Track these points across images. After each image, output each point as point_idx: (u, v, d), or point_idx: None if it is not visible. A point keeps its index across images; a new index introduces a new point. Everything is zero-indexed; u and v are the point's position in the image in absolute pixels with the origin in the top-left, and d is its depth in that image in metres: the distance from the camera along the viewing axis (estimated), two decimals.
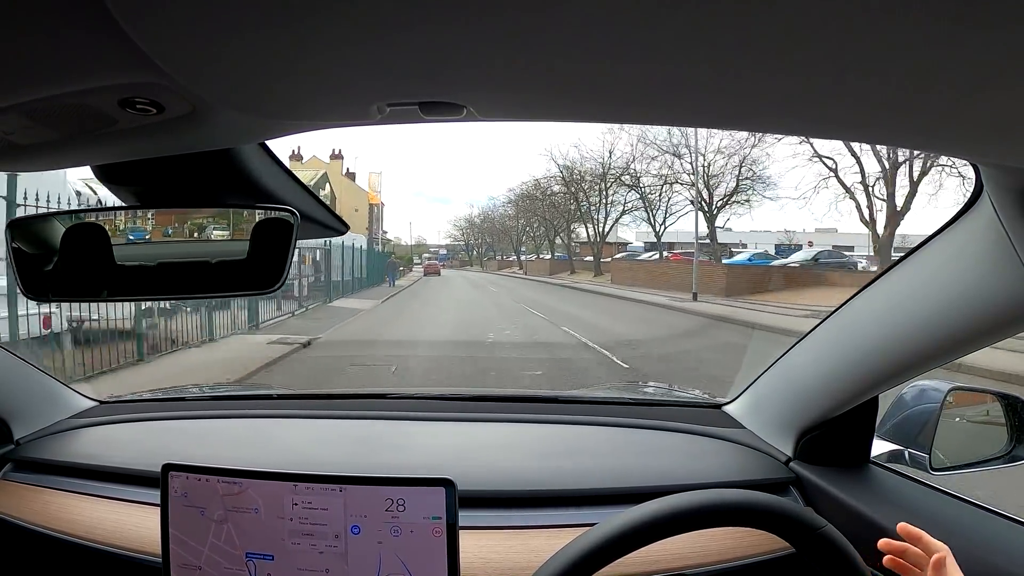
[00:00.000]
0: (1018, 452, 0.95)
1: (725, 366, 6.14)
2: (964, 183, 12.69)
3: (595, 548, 0.61)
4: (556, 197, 27.39)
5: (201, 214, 0.68)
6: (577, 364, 6.44)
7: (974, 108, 0.39)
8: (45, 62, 0.40)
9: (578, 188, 25.45)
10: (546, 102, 0.47)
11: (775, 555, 0.85)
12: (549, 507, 0.95)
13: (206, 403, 1.35)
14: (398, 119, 0.48)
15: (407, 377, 5.77)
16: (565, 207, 27.25)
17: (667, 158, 22.12)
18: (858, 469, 0.97)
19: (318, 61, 0.39)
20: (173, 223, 0.69)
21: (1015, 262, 0.58)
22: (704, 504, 0.63)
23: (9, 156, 0.58)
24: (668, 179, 22.12)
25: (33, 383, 1.19)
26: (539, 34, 0.34)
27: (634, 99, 0.44)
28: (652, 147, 22.43)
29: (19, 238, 0.66)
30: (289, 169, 0.71)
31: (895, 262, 0.78)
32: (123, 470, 1.03)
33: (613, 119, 0.53)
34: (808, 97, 0.41)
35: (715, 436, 1.12)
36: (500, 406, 1.28)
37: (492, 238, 43.17)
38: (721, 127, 0.55)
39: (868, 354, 0.83)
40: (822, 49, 0.33)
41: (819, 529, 0.63)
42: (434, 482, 0.73)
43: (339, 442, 1.13)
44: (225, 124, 0.51)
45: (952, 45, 0.32)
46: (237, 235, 0.67)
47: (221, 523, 0.76)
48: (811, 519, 0.63)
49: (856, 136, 0.53)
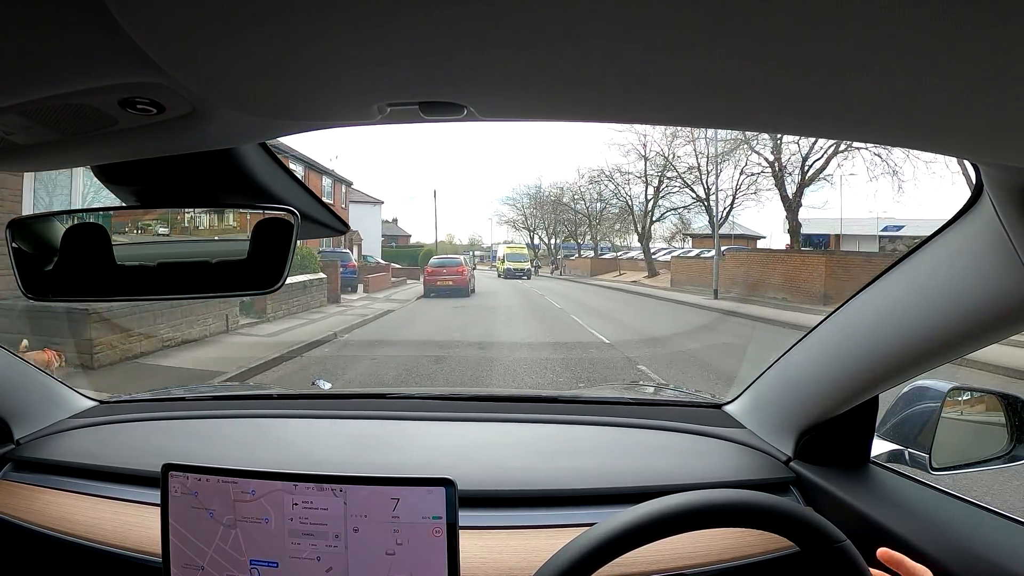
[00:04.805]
0: (1018, 452, 0.95)
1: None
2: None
3: (623, 533, 0.61)
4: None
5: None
6: None
7: (974, 108, 0.39)
8: (45, 62, 0.40)
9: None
10: (546, 102, 0.47)
11: (775, 555, 0.85)
12: (549, 507, 0.95)
13: (206, 403, 1.35)
14: (398, 119, 0.48)
15: None
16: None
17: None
18: (858, 469, 0.97)
19: (318, 61, 0.39)
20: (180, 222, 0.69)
21: (1015, 262, 0.58)
22: (724, 503, 0.64)
23: (9, 156, 0.58)
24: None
25: (33, 383, 1.19)
26: (539, 34, 0.34)
27: (634, 99, 0.44)
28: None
29: (19, 238, 0.66)
30: (289, 169, 0.71)
31: (895, 261, 0.78)
32: (123, 470, 1.03)
33: (613, 119, 0.53)
34: (808, 97, 0.41)
35: (715, 436, 1.12)
36: (500, 406, 1.28)
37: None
38: (721, 127, 0.55)
39: (868, 354, 0.83)
40: (822, 49, 0.33)
41: (838, 543, 0.63)
42: (434, 482, 0.73)
43: (339, 442, 1.13)
44: (225, 124, 0.51)
45: (952, 45, 0.32)
46: (237, 235, 0.67)
47: (230, 528, 0.76)
48: (832, 532, 0.63)
49: (856, 136, 0.53)
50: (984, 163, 0.57)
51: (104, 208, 0.70)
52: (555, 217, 31.19)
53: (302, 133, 0.57)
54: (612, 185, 23.83)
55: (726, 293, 14.57)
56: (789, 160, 16.83)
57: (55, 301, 0.68)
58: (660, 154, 20.89)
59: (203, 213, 0.69)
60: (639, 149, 22.53)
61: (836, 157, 16.02)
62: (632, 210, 23.38)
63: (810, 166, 16.51)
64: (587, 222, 28.79)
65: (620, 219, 26.35)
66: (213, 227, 0.69)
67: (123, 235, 0.69)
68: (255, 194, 0.67)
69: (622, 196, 23.88)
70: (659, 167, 21.23)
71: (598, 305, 13.66)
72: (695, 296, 14.58)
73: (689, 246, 25.03)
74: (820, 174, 16.58)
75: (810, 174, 16.53)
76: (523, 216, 33.76)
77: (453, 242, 43.44)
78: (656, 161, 21.24)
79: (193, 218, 0.69)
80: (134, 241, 0.70)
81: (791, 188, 16.80)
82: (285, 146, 12.62)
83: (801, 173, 16.67)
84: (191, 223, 0.69)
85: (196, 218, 0.69)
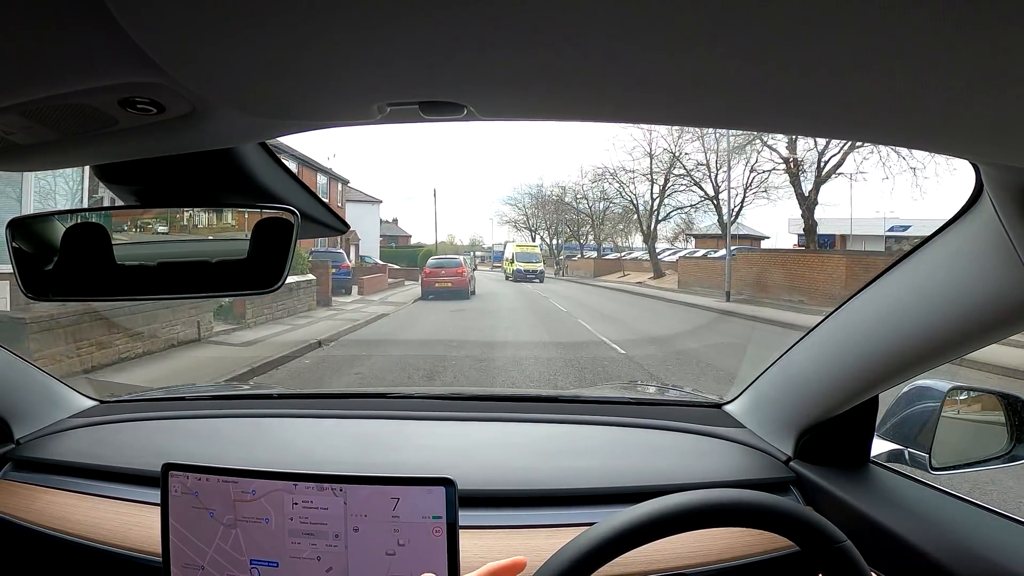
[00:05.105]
0: (1018, 451, 0.95)
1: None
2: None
3: (623, 532, 0.61)
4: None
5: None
6: None
7: (974, 108, 0.39)
8: (46, 62, 0.40)
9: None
10: (546, 101, 0.47)
11: (774, 555, 0.85)
12: (549, 506, 0.95)
13: (206, 402, 1.35)
14: (398, 119, 0.49)
15: None
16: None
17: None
18: (858, 468, 0.97)
19: (318, 61, 0.39)
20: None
21: (1015, 262, 0.58)
22: (725, 502, 0.64)
23: (9, 156, 0.58)
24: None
25: (33, 383, 1.19)
26: (539, 33, 0.34)
27: (634, 99, 0.44)
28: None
29: (19, 237, 0.66)
30: (289, 169, 0.71)
31: (895, 261, 0.78)
32: (123, 470, 1.03)
33: (613, 119, 0.53)
34: (808, 97, 0.41)
35: (715, 435, 1.12)
36: (500, 406, 1.28)
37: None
38: (721, 127, 0.55)
39: (868, 353, 0.83)
40: (822, 49, 0.33)
41: (839, 543, 0.63)
42: (434, 481, 0.73)
43: (339, 441, 1.13)
44: (225, 124, 0.51)
45: (952, 45, 0.32)
46: (237, 234, 0.67)
47: (230, 528, 0.76)
48: (832, 532, 0.64)
49: (856, 136, 0.53)
50: (984, 163, 0.57)
51: (104, 208, 0.70)
52: (557, 217, 30.79)
53: (302, 133, 0.57)
54: (616, 183, 23.35)
55: (737, 295, 14.02)
56: (805, 156, 16.20)
57: (55, 300, 0.69)
58: (667, 151, 20.39)
59: (203, 212, 0.69)
60: (644, 146, 21.73)
61: (852, 153, 15.53)
62: (637, 209, 22.87)
63: (826, 162, 15.93)
64: (590, 222, 28.37)
65: (624, 219, 25.96)
66: (213, 227, 0.70)
67: (123, 235, 0.69)
68: (255, 194, 0.67)
69: (627, 194, 23.36)
70: (665, 164, 20.70)
71: (604, 308, 13.02)
72: (705, 298, 14.02)
73: (692, 246, 24.51)
74: (836, 170, 16.01)
75: (826, 170, 15.96)
76: (525, 216, 33.51)
77: (454, 243, 42.95)
78: (662, 158, 20.79)
79: (193, 217, 0.69)
80: (134, 241, 0.70)
81: (807, 185, 16.25)
82: (279, 143, 12.37)
83: (817, 169, 16.10)
84: (191, 222, 0.70)
85: (196, 217, 0.69)
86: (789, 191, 17.01)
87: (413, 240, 38.96)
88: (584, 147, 68.57)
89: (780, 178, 17.66)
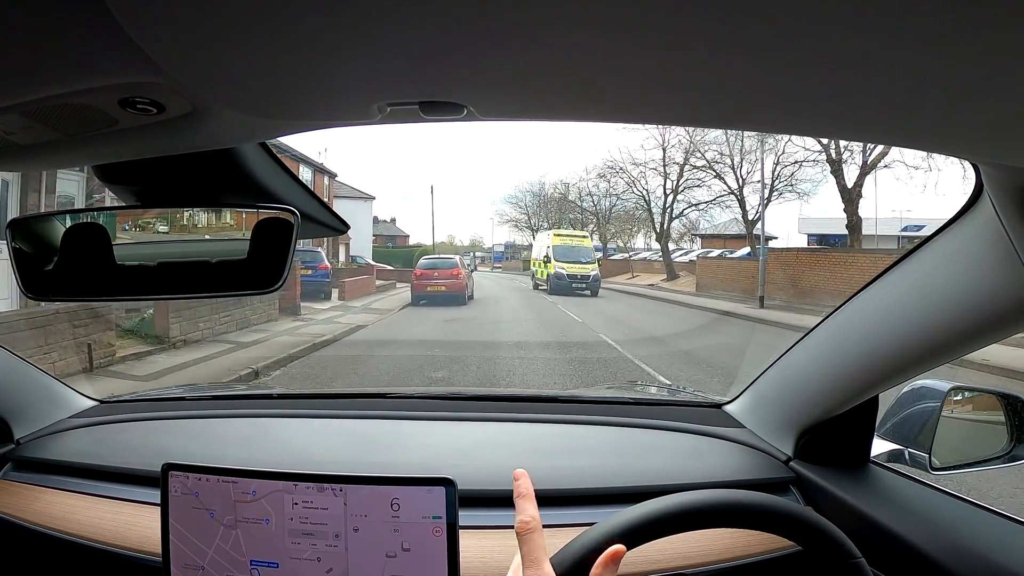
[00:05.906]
0: (1018, 452, 0.95)
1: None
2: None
3: (623, 532, 0.62)
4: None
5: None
6: None
7: (974, 108, 0.39)
8: (45, 62, 0.40)
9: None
10: (546, 102, 0.47)
11: (775, 555, 0.85)
12: (549, 507, 0.95)
13: (206, 402, 1.35)
14: (398, 119, 0.49)
15: None
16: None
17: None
18: (858, 469, 0.97)
19: (318, 61, 0.39)
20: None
21: (1015, 262, 0.58)
22: (739, 503, 0.64)
23: (9, 156, 0.58)
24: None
25: (33, 383, 1.19)
26: (539, 34, 0.34)
27: (634, 99, 0.44)
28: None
29: (19, 238, 0.66)
30: (289, 169, 0.71)
31: (895, 261, 0.78)
32: (123, 470, 1.03)
33: (613, 119, 0.53)
34: (808, 97, 0.41)
35: (715, 435, 1.12)
36: (500, 406, 1.28)
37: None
38: (721, 127, 0.55)
39: (868, 353, 0.83)
40: (822, 49, 0.33)
41: (854, 559, 0.64)
42: (434, 481, 0.73)
43: (339, 441, 1.13)
44: (225, 124, 0.51)
45: (952, 45, 0.32)
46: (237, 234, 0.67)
47: (231, 528, 0.76)
48: (850, 548, 0.64)
49: (856, 136, 0.53)
50: (984, 163, 0.57)
51: (104, 208, 0.71)
52: (560, 216, 28.57)
53: (302, 133, 0.57)
54: (626, 177, 21.32)
55: (770, 300, 12.54)
56: (848, 144, 13.73)
57: (55, 301, 0.69)
58: (685, 139, 18.73)
59: (203, 213, 0.69)
60: (656, 137, 19.77)
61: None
62: (649, 205, 20.97)
63: (871, 150, 13.90)
64: (595, 220, 26.28)
65: (632, 217, 24.45)
66: (213, 227, 0.70)
67: (123, 235, 0.69)
68: (255, 194, 0.67)
69: (638, 189, 21.12)
70: (682, 154, 19.17)
71: (624, 316, 10.91)
72: (735, 304, 12.37)
73: (699, 247, 23.76)
74: (882, 160, 14.07)
75: (871, 159, 14.16)
76: (526, 215, 31.99)
77: (454, 243, 41.82)
78: (677, 150, 19.43)
79: (193, 217, 0.70)
80: (134, 241, 0.70)
81: (850, 177, 14.45)
82: (277, 141, 11.83)
83: (862, 159, 14.30)
84: (191, 222, 0.70)
85: (196, 217, 0.69)
86: (817, 185, 15.68)
87: (412, 240, 38.57)
88: (587, 143, 67.94)
89: (811, 170, 16.14)
